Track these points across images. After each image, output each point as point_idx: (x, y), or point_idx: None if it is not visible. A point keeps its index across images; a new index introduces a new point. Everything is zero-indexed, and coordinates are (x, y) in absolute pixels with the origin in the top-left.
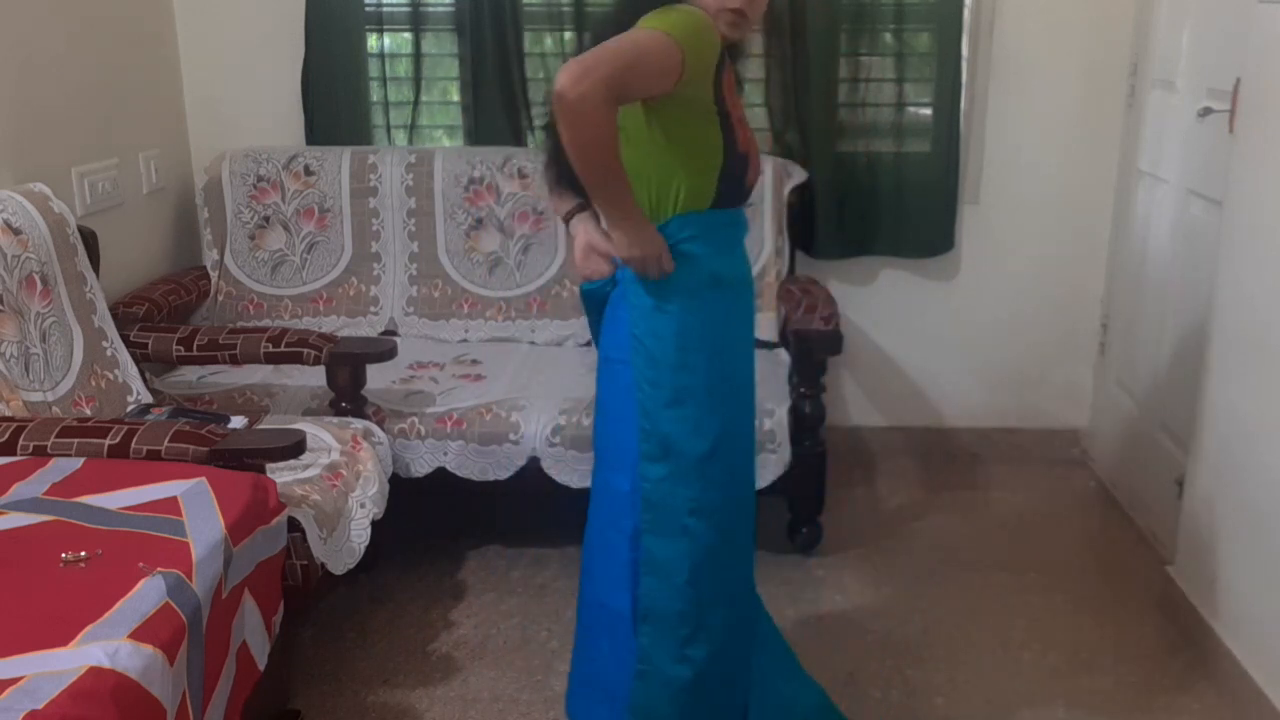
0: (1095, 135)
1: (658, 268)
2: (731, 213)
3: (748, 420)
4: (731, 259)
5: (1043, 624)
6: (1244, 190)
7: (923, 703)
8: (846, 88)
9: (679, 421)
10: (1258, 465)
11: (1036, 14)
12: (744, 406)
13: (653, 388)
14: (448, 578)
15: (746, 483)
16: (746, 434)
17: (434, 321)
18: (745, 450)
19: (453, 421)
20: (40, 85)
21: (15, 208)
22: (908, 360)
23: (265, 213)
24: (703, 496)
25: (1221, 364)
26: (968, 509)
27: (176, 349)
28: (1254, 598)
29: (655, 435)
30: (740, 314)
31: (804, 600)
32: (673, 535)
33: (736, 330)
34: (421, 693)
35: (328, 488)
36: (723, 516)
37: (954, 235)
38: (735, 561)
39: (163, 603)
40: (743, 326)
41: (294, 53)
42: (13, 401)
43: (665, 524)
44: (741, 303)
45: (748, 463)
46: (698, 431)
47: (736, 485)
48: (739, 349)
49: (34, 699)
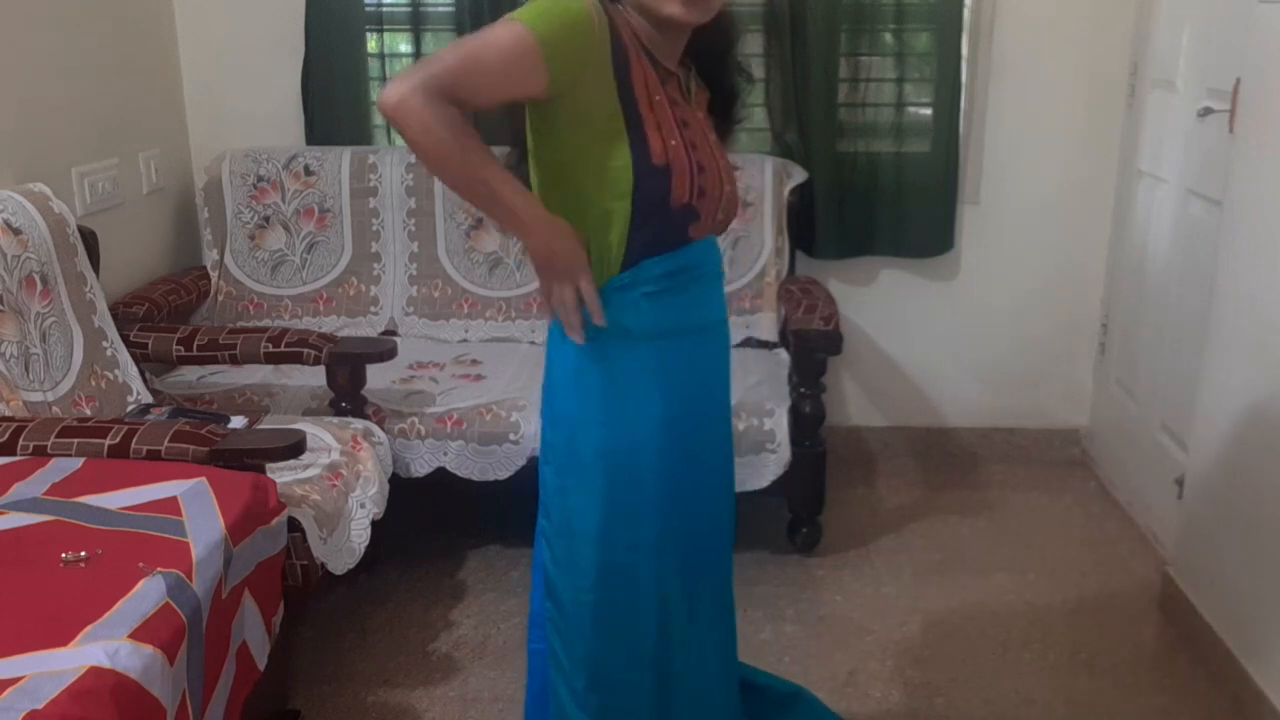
0: (1095, 135)
1: (569, 296)
2: (673, 257)
3: (675, 547)
4: (676, 307)
5: (1043, 624)
6: (1244, 190)
7: (923, 703)
8: (846, 88)
9: (559, 521)
10: (1258, 465)
11: (1036, 14)
12: (672, 516)
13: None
14: (448, 578)
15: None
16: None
17: (434, 321)
18: (640, 606)
19: (453, 421)
20: (40, 85)
21: (15, 208)
22: (908, 360)
23: (265, 213)
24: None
25: (1221, 364)
26: (968, 509)
27: (176, 349)
28: (1254, 598)
29: (552, 511)
30: (681, 367)
31: (804, 600)
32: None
33: (673, 389)
34: (421, 693)
35: (328, 488)
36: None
37: (954, 235)
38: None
39: (163, 603)
40: (688, 385)
41: (294, 53)
42: (13, 401)
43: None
44: (683, 352)
45: (644, 624)
46: (571, 563)
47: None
48: (678, 420)
49: (34, 699)
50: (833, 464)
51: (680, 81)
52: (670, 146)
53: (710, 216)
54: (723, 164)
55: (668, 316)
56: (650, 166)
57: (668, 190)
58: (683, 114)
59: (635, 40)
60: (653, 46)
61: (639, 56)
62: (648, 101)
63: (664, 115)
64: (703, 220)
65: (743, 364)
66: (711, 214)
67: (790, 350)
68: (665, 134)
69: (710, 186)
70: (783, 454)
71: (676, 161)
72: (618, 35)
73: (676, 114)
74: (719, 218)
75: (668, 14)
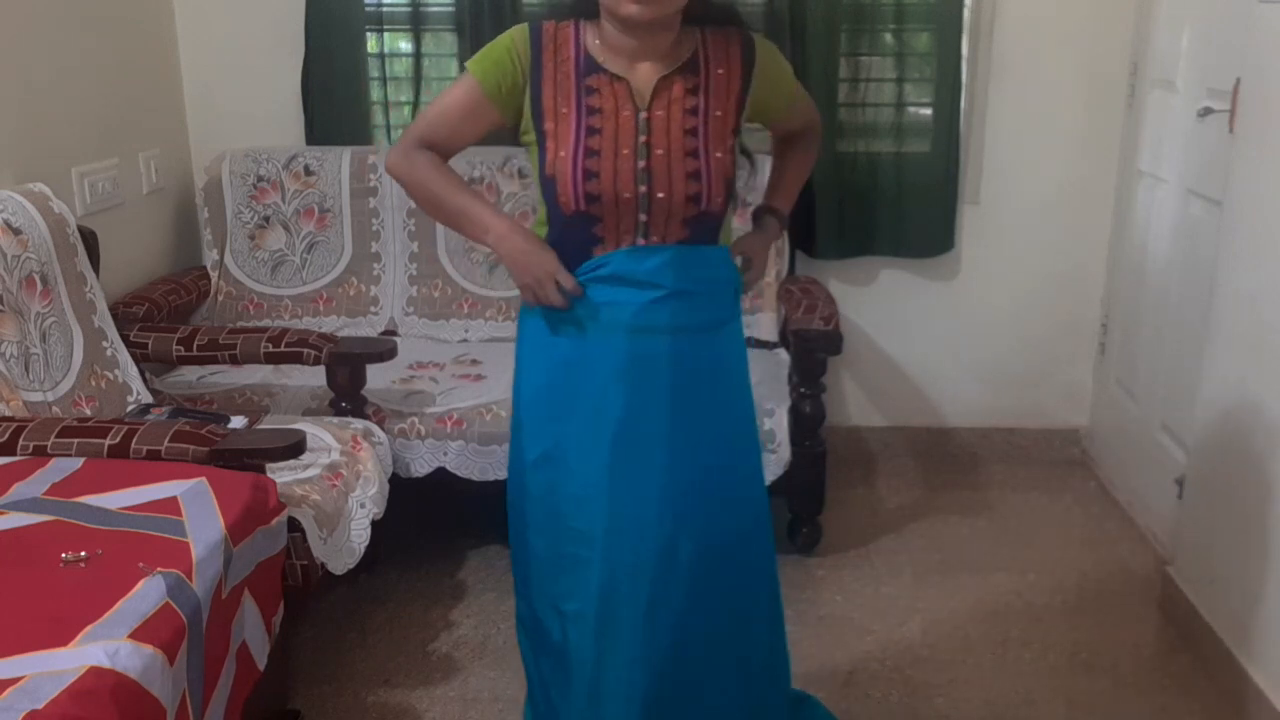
0: (1095, 135)
1: (550, 294)
2: (595, 262)
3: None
4: (566, 342)
5: (1043, 624)
6: (1244, 190)
7: (923, 703)
8: (846, 88)
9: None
10: (1257, 465)
11: (1036, 14)
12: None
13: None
14: (448, 578)
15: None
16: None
17: (434, 321)
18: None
19: (453, 421)
20: (40, 85)
21: (15, 208)
22: (908, 360)
23: (265, 213)
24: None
25: (1221, 364)
26: (968, 509)
27: (176, 349)
28: (1253, 598)
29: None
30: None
31: (804, 600)
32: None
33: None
34: (421, 693)
35: (328, 488)
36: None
37: (954, 235)
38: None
39: (163, 603)
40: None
41: (294, 53)
42: (13, 401)
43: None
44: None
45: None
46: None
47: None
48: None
49: (34, 699)
50: (833, 464)
51: (630, 85)
52: (559, 158)
53: (620, 221)
54: (653, 165)
55: (585, 309)
56: (545, 176)
57: (556, 198)
58: (602, 120)
59: (576, 54)
60: (614, 52)
61: (555, 73)
62: (553, 115)
63: (565, 127)
64: (607, 223)
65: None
66: (619, 219)
67: (790, 350)
68: (559, 145)
69: (605, 191)
70: (783, 454)
71: (560, 173)
72: (538, 56)
73: (588, 122)
74: (641, 219)
75: (625, 14)
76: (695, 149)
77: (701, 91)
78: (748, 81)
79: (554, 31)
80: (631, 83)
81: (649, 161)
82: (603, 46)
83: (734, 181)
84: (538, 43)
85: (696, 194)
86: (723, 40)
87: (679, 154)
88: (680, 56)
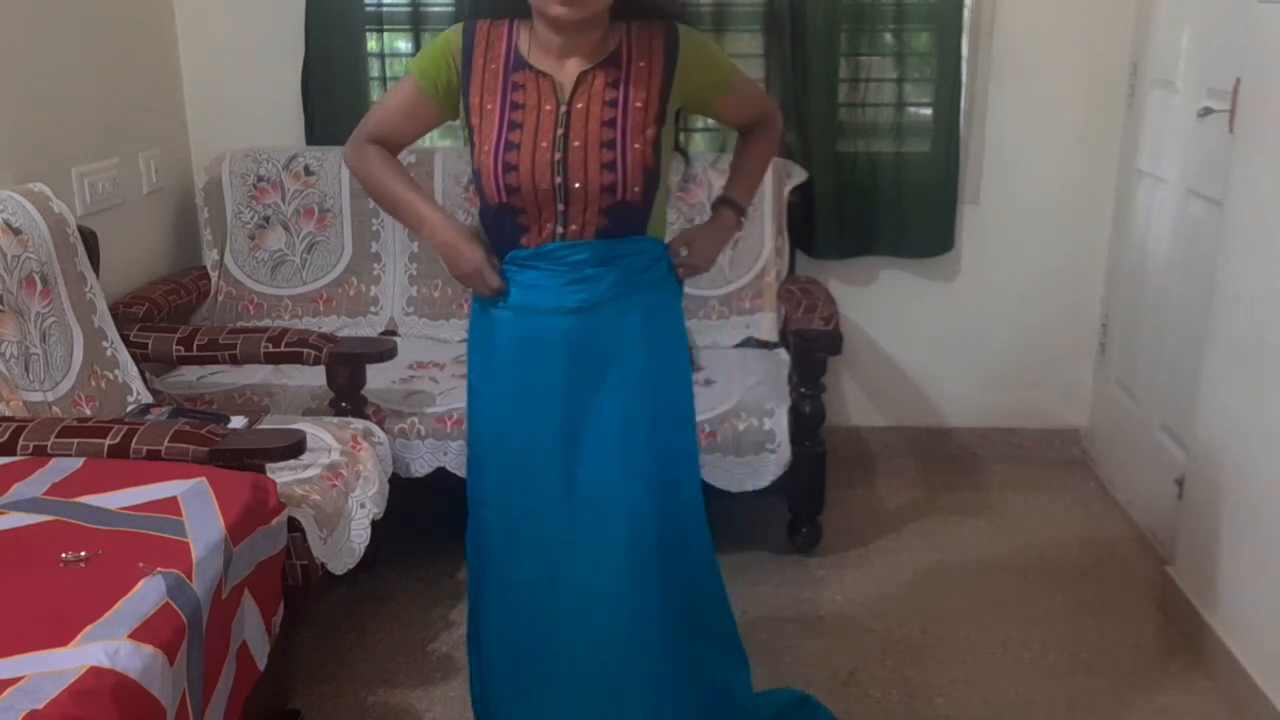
0: (1095, 135)
1: (479, 285)
2: (506, 271)
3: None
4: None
5: (1043, 624)
6: (1244, 190)
7: (923, 703)
8: (846, 88)
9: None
10: (1257, 465)
11: (1036, 14)
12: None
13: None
14: (448, 578)
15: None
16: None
17: (434, 321)
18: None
19: (453, 421)
20: (40, 85)
21: (15, 208)
22: (908, 360)
23: (265, 213)
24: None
25: (1221, 364)
26: (968, 509)
27: (176, 349)
28: (1254, 598)
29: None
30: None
31: (804, 600)
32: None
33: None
34: (421, 693)
35: (328, 488)
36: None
37: (954, 235)
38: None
39: (163, 603)
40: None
41: (294, 53)
42: (13, 401)
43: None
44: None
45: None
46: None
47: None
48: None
49: (34, 699)
50: (833, 464)
51: (554, 81)
52: (483, 152)
53: (541, 211)
54: (569, 156)
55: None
56: (474, 169)
57: (482, 190)
58: (524, 115)
59: (507, 52)
60: (543, 50)
61: (484, 71)
62: (479, 111)
63: (489, 123)
64: (529, 213)
65: (743, 364)
66: (539, 210)
67: (790, 350)
68: (483, 139)
69: (523, 183)
70: (783, 454)
71: (484, 166)
72: (469, 55)
73: (511, 117)
74: (560, 208)
75: (553, 15)
76: (612, 139)
77: (622, 84)
78: (671, 71)
79: (488, 30)
80: (556, 78)
81: (565, 153)
82: (533, 44)
83: (656, 173)
84: (470, 41)
85: (611, 184)
86: (647, 33)
87: (595, 145)
88: (605, 51)
